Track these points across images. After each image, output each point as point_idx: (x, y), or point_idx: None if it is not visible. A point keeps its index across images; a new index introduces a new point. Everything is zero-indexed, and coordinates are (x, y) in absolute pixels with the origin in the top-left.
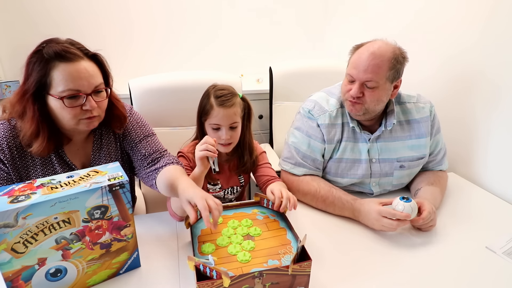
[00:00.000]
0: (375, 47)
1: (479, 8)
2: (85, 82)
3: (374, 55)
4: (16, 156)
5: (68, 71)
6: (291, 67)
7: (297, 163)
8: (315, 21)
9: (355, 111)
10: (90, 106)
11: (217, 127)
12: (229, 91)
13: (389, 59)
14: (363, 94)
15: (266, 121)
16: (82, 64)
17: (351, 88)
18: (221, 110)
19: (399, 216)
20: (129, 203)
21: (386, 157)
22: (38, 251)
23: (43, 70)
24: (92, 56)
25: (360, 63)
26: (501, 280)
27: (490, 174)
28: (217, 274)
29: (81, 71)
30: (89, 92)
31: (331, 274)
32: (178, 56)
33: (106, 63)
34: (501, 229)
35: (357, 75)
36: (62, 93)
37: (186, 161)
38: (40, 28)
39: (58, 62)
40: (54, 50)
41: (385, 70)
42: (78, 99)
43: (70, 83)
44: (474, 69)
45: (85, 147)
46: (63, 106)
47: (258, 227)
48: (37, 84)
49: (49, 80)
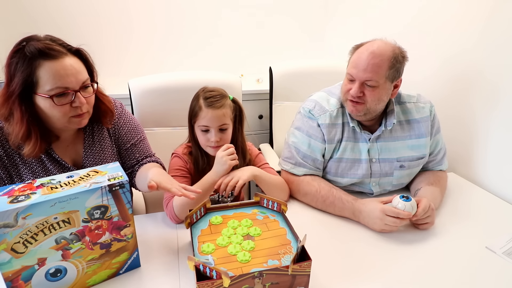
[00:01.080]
0: (374, 46)
1: (479, 8)
2: (73, 79)
3: (374, 54)
4: (4, 156)
5: (54, 69)
6: (291, 67)
7: (297, 163)
8: (315, 21)
9: (356, 112)
10: (80, 102)
11: (205, 129)
12: (219, 93)
13: (389, 58)
14: (363, 93)
15: (266, 121)
16: (67, 60)
17: (351, 87)
18: (210, 111)
19: (402, 215)
20: (129, 203)
21: (386, 157)
22: (38, 251)
23: (27, 70)
24: (75, 52)
25: (359, 62)
26: (501, 280)
27: (490, 174)
28: (217, 274)
29: (67, 68)
30: (77, 88)
31: (331, 274)
32: (178, 56)
33: (90, 57)
34: (501, 229)
35: (357, 74)
36: (50, 91)
37: (181, 162)
38: (40, 28)
39: (43, 60)
40: (37, 48)
41: (385, 69)
42: (67, 96)
43: (58, 81)
44: (474, 69)
45: (75, 144)
46: (53, 105)
47: (258, 227)
48: (23, 85)
49: (36, 79)
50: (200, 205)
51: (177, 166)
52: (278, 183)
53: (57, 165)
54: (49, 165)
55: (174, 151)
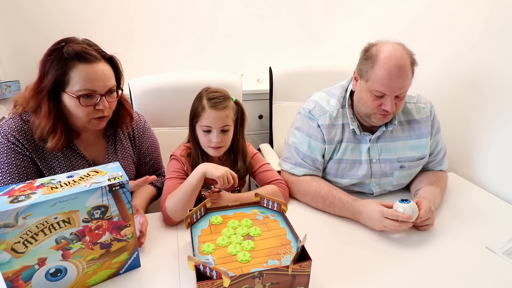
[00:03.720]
0: (397, 59)
1: (480, 8)
2: (101, 83)
3: (402, 69)
4: (33, 148)
5: (86, 72)
6: (291, 67)
7: (297, 163)
8: (315, 21)
9: (385, 121)
10: (103, 106)
11: (208, 130)
12: (222, 94)
13: (411, 64)
14: (395, 104)
15: (266, 121)
16: (99, 66)
17: (382, 102)
18: (213, 112)
19: (402, 218)
20: (129, 203)
21: (387, 157)
22: (38, 251)
23: (62, 69)
24: (108, 59)
25: (391, 80)
26: (501, 280)
27: (490, 174)
28: (217, 274)
29: (98, 73)
30: (103, 92)
31: (331, 274)
32: (178, 56)
33: (121, 66)
34: (501, 229)
35: (391, 91)
36: (78, 92)
37: (179, 164)
38: (40, 28)
39: (78, 62)
40: (75, 50)
41: (410, 77)
42: (93, 98)
43: (87, 84)
44: (474, 69)
45: (95, 145)
46: (78, 105)
47: (258, 227)
48: (54, 82)
49: (67, 79)
50: (200, 205)
51: (174, 168)
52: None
53: (80, 160)
54: (73, 160)
55: (173, 153)
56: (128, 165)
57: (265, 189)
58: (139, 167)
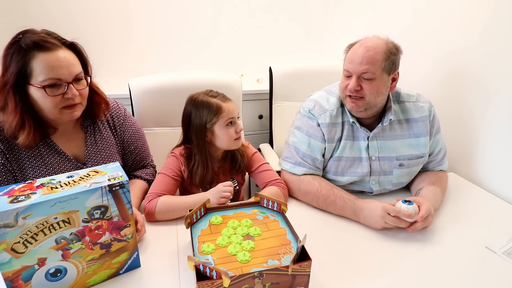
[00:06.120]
0: (367, 41)
1: (479, 8)
2: (66, 71)
3: (368, 48)
4: (5, 149)
5: (47, 60)
6: (291, 67)
7: (297, 162)
8: (315, 21)
9: (356, 107)
10: (72, 94)
11: (231, 121)
12: (216, 91)
13: (383, 50)
14: (361, 87)
15: (266, 121)
16: (60, 53)
17: (349, 83)
18: (228, 104)
19: (403, 215)
20: (129, 203)
21: (386, 155)
22: (38, 251)
23: (22, 61)
24: (69, 45)
25: (355, 57)
26: (501, 280)
27: (490, 174)
28: (217, 274)
29: (61, 60)
30: (70, 80)
31: (331, 274)
32: (178, 56)
33: (84, 51)
34: (501, 229)
35: (353, 68)
36: (43, 82)
37: (177, 163)
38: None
39: (37, 51)
40: (32, 40)
41: (380, 61)
42: (60, 87)
43: (50, 72)
44: (474, 68)
45: (74, 140)
46: (45, 95)
47: (258, 227)
48: (17, 75)
49: (29, 70)
50: (200, 205)
51: (171, 166)
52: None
53: (57, 156)
54: (49, 157)
55: (173, 150)
56: (112, 155)
57: (267, 191)
58: (124, 156)
